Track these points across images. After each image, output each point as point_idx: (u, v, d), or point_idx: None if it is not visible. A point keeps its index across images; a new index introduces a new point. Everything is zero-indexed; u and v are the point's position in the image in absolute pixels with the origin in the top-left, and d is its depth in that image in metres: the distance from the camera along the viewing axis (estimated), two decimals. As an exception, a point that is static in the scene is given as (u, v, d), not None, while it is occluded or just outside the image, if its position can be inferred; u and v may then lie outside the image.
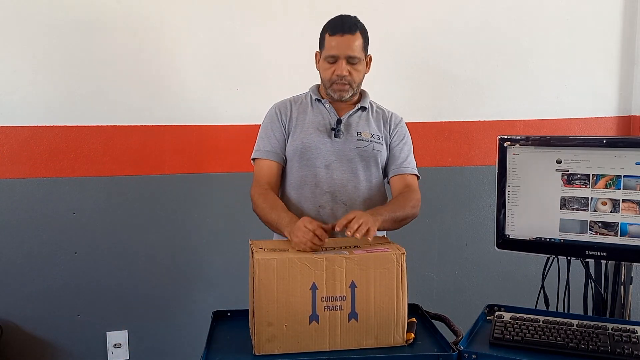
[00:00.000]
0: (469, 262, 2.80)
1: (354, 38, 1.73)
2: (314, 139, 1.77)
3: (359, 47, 1.74)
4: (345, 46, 1.72)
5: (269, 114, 1.86)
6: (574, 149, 1.59)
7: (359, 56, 1.74)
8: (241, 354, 1.40)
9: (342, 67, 1.73)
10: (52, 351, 2.50)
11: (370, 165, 1.80)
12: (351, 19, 1.76)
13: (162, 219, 2.53)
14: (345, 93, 1.77)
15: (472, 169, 2.74)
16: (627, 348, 1.35)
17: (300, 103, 1.86)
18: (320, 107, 1.83)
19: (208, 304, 2.50)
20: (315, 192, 1.76)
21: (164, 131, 2.47)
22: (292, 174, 1.80)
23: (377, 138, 1.82)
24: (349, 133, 1.79)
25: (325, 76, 1.78)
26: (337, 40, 1.72)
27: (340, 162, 1.77)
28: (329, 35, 1.74)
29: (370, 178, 1.81)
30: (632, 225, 1.55)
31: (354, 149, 1.78)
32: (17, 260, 2.44)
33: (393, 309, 1.41)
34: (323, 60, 1.77)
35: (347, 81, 1.75)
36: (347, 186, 1.77)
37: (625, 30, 2.77)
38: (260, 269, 1.36)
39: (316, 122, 1.80)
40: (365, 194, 1.79)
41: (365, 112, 1.85)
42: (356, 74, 1.76)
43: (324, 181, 1.76)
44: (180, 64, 2.46)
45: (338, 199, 1.76)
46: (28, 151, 2.39)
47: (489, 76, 2.70)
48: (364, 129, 1.81)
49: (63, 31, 2.36)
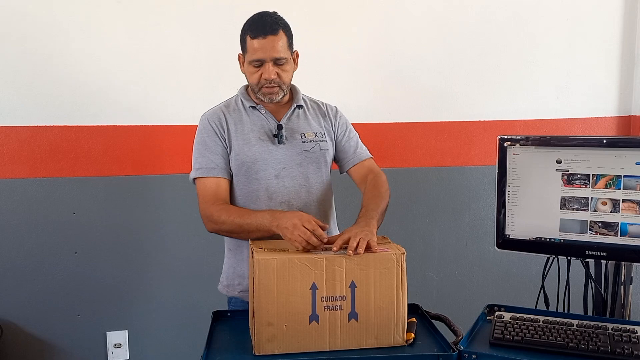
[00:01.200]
0: (469, 262, 2.80)
1: (277, 38, 1.63)
2: (258, 150, 1.68)
3: (284, 46, 1.65)
4: (269, 48, 1.62)
5: (203, 127, 1.73)
6: (574, 149, 1.59)
7: (285, 56, 1.65)
8: (241, 354, 1.40)
9: (269, 71, 1.64)
10: (52, 351, 2.50)
11: (320, 166, 1.75)
12: (271, 17, 1.65)
13: (162, 219, 2.53)
14: (275, 96, 1.69)
15: (472, 169, 2.74)
16: (627, 348, 1.35)
17: (233, 110, 1.75)
18: (255, 113, 1.74)
19: (208, 304, 2.50)
20: (270, 204, 1.68)
21: (164, 131, 2.47)
22: (240, 189, 1.71)
23: (320, 136, 1.76)
24: (292, 137, 1.72)
25: (253, 81, 1.68)
26: (259, 43, 1.62)
27: (290, 169, 1.70)
28: (250, 37, 1.64)
29: (322, 179, 1.76)
30: (632, 225, 1.55)
31: (301, 152, 1.72)
32: (17, 260, 2.44)
33: (393, 309, 1.41)
34: (248, 64, 1.67)
35: (276, 83, 1.67)
36: (300, 192, 1.71)
37: (625, 30, 2.77)
38: (260, 269, 1.36)
39: (256, 130, 1.71)
40: (319, 196, 1.74)
41: (302, 110, 1.78)
42: (285, 74, 1.68)
43: (277, 192, 1.69)
44: (181, 64, 2.46)
45: (294, 206, 1.69)
46: (28, 151, 2.39)
47: (489, 76, 2.70)
48: (307, 129, 1.75)
49: (63, 31, 2.36)
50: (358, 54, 2.58)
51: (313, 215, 1.64)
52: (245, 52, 1.69)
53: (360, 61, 2.59)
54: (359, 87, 2.59)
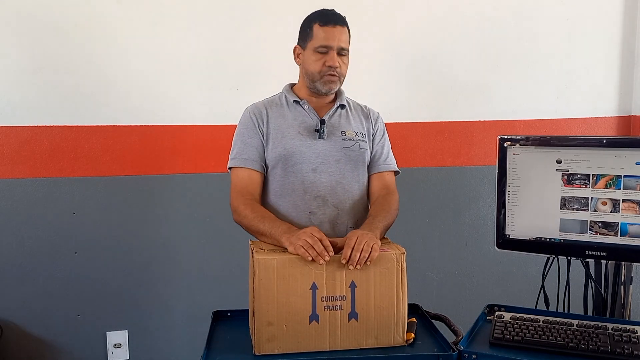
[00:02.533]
0: (469, 262, 2.80)
1: (345, 30, 1.72)
2: (297, 143, 1.70)
3: (347, 41, 1.73)
4: (338, 37, 1.69)
5: (243, 120, 1.76)
6: (574, 149, 1.59)
7: (348, 49, 1.73)
8: (241, 354, 1.40)
9: (334, 58, 1.69)
10: (52, 351, 2.50)
11: (358, 165, 1.75)
12: (338, 13, 1.74)
13: (162, 219, 2.53)
14: (334, 85, 1.73)
15: (472, 169, 2.74)
16: (627, 348, 1.35)
17: (276, 105, 1.78)
18: (298, 108, 1.76)
19: (208, 304, 2.50)
20: (305, 198, 1.68)
21: (164, 131, 2.47)
22: (276, 181, 1.71)
23: (361, 136, 1.77)
24: (333, 134, 1.74)
25: (315, 68, 1.71)
26: (329, 30, 1.68)
27: (327, 164, 1.70)
28: (319, 25, 1.70)
29: (358, 178, 1.76)
30: (632, 225, 1.55)
31: (341, 149, 1.72)
32: (17, 260, 2.44)
33: (393, 309, 1.41)
34: (312, 51, 1.71)
35: (337, 73, 1.72)
36: (337, 189, 1.70)
37: (625, 30, 2.77)
38: (260, 268, 1.36)
39: (297, 124, 1.73)
40: (355, 195, 1.74)
41: (345, 110, 1.80)
42: (344, 67, 1.74)
43: (313, 186, 1.69)
44: (181, 64, 2.46)
45: (329, 202, 1.69)
46: (28, 151, 2.39)
47: (489, 76, 2.71)
48: (347, 128, 1.76)
49: (63, 31, 2.36)
50: (358, 54, 2.57)
51: (348, 214, 1.69)
52: (309, 40, 1.72)
53: (360, 61, 2.58)
54: (359, 88, 2.58)
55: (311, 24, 1.72)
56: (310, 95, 1.78)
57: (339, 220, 1.70)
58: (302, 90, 1.80)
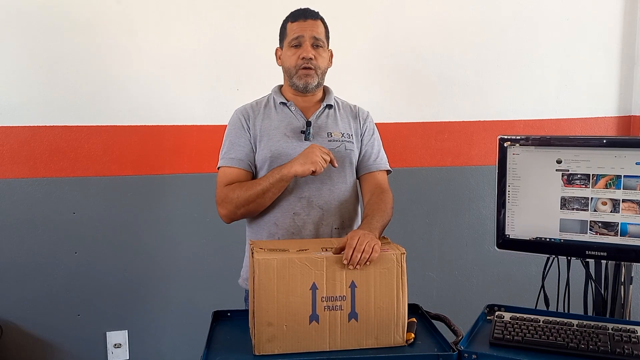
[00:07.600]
0: (469, 262, 2.80)
1: (317, 24, 1.72)
2: (282, 145, 1.70)
3: (322, 33, 1.73)
4: (309, 28, 1.70)
5: (232, 121, 1.78)
6: (574, 149, 1.59)
7: (324, 40, 1.73)
8: (241, 354, 1.40)
9: (307, 49, 1.69)
10: (52, 351, 2.50)
11: (344, 166, 1.75)
12: (311, 9, 1.74)
13: (162, 219, 2.53)
14: (311, 79, 1.71)
15: (472, 169, 2.74)
16: (627, 348, 1.35)
17: (264, 106, 1.78)
18: (285, 110, 1.77)
19: (208, 304, 2.50)
20: (290, 199, 1.70)
21: (164, 131, 2.48)
22: None
23: (347, 137, 1.77)
24: (319, 135, 1.74)
25: (291, 63, 1.71)
26: (300, 24, 1.70)
27: None
28: (290, 22, 1.73)
29: (345, 179, 1.76)
30: (632, 225, 1.55)
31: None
32: (17, 260, 2.44)
33: (393, 309, 1.41)
34: (287, 47, 1.72)
35: (312, 65, 1.70)
36: (322, 190, 1.71)
37: (625, 30, 2.77)
38: (260, 269, 1.36)
39: (283, 126, 1.73)
40: (341, 196, 1.74)
41: (332, 110, 1.80)
42: (321, 59, 1.72)
43: (298, 187, 1.69)
44: (181, 64, 2.46)
45: (314, 203, 1.70)
46: (28, 151, 2.39)
47: (489, 76, 2.71)
48: (334, 129, 1.76)
49: (63, 31, 2.36)
50: (358, 54, 2.58)
51: (333, 215, 1.69)
52: (284, 39, 1.75)
53: (359, 62, 2.59)
54: (359, 88, 2.59)
55: (285, 24, 1.76)
56: (296, 95, 1.78)
57: (323, 222, 1.71)
58: (288, 91, 1.80)
